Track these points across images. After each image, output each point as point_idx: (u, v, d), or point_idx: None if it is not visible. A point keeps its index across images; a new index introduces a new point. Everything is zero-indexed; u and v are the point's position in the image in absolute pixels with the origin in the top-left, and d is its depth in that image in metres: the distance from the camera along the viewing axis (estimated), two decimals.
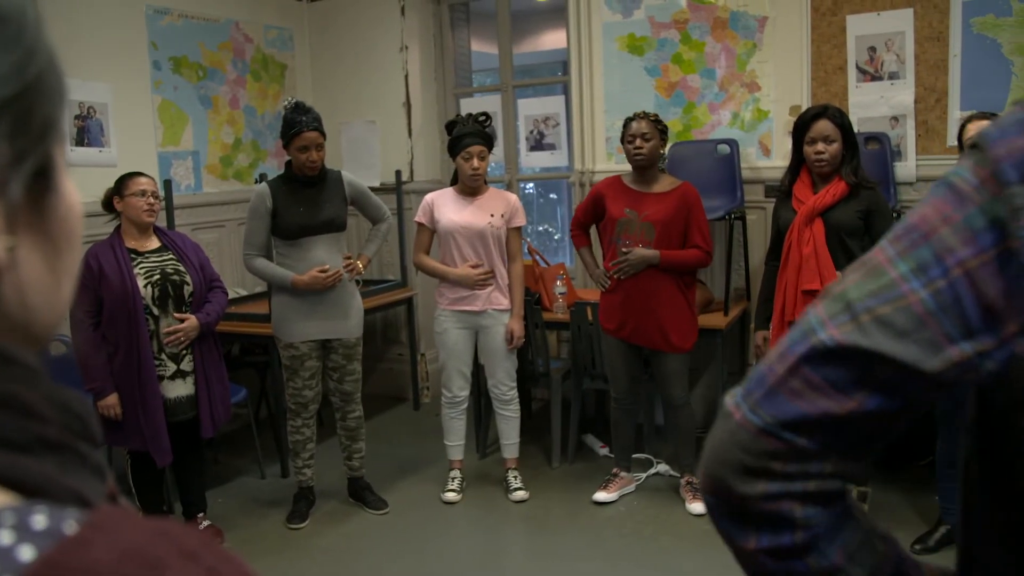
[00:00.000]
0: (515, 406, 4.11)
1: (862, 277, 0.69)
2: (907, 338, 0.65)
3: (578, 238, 4.06)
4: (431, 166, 5.70)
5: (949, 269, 0.65)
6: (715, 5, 4.59)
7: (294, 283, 3.67)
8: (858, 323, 0.66)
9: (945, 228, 0.66)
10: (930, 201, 0.69)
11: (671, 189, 3.80)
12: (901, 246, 0.68)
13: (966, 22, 4.11)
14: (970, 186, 0.67)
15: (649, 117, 3.78)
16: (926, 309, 0.65)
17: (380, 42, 5.60)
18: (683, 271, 3.80)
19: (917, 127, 4.26)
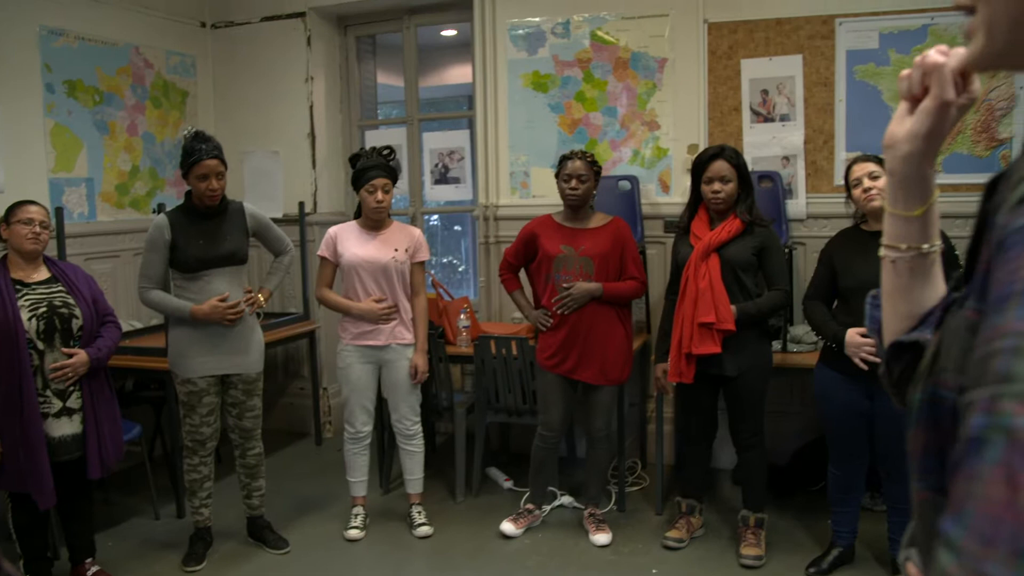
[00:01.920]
0: (419, 440, 4.09)
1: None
2: None
3: (509, 281, 4.06)
4: (335, 198, 5.66)
5: None
6: (617, 46, 4.72)
7: (193, 314, 3.58)
8: None
9: None
10: None
11: (604, 224, 3.87)
12: None
13: (850, 70, 4.34)
14: None
15: (586, 158, 3.82)
16: None
17: (285, 72, 5.55)
18: (622, 303, 3.87)
19: (807, 166, 4.46)
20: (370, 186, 3.81)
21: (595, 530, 3.94)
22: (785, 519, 4.06)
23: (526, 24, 4.89)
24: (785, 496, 4.28)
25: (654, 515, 4.21)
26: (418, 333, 3.97)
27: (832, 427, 3.45)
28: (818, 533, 3.86)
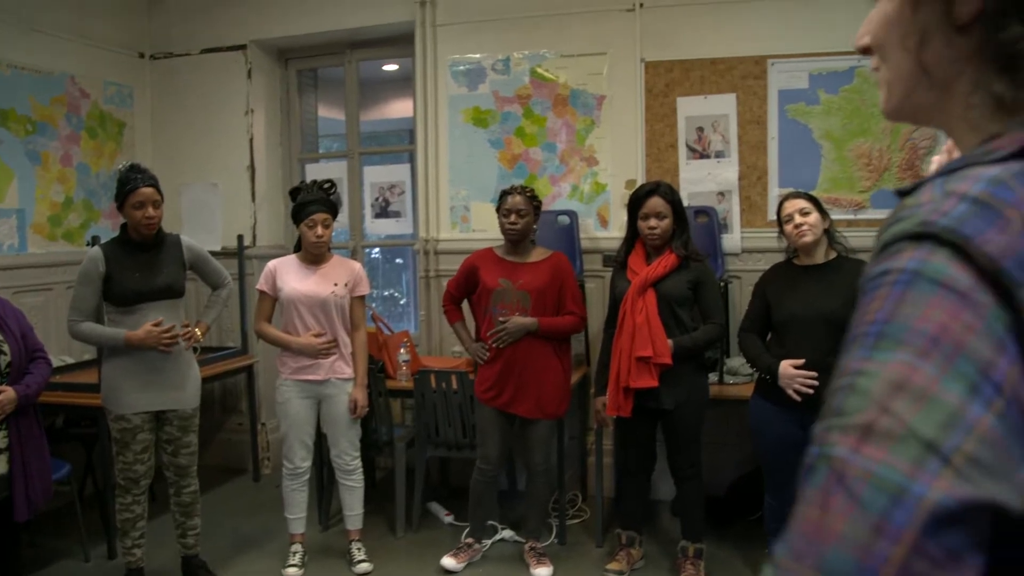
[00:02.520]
0: (358, 476, 4.05)
1: (916, 406, 0.56)
2: (996, 475, 0.54)
3: (451, 313, 4.07)
4: (274, 231, 5.63)
5: (1000, 385, 0.57)
6: (556, 83, 4.80)
7: (127, 340, 3.50)
8: (955, 469, 0.54)
9: (971, 337, 0.58)
10: (927, 303, 0.60)
11: (544, 259, 3.90)
12: (937, 362, 0.57)
13: (782, 108, 4.47)
14: (966, 286, 0.60)
15: (526, 193, 3.86)
16: (998, 436, 0.56)
17: (225, 104, 5.53)
18: (559, 338, 3.89)
19: (741, 202, 4.56)
20: (310, 221, 3.80)
21: (536, 563, 3.94)
22: (724, 549, 4.11)
23: (467, 60, 4.95)
24: (724, 526, 4.33)
25: (595, 547, 4.23)
26: (358, 367, 3.95)
27: (767, 457, 3.50)
28: (756, 562, 3.91)
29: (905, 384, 0.57)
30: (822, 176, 4.43)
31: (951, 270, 0.60)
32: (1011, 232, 0.60)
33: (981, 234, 0.60)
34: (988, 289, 0.59)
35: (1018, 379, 0.57)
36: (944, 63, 0.74)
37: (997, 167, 0.64)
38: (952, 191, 0.63)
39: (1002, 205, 0.61)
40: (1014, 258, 0.59)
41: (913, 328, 0.59)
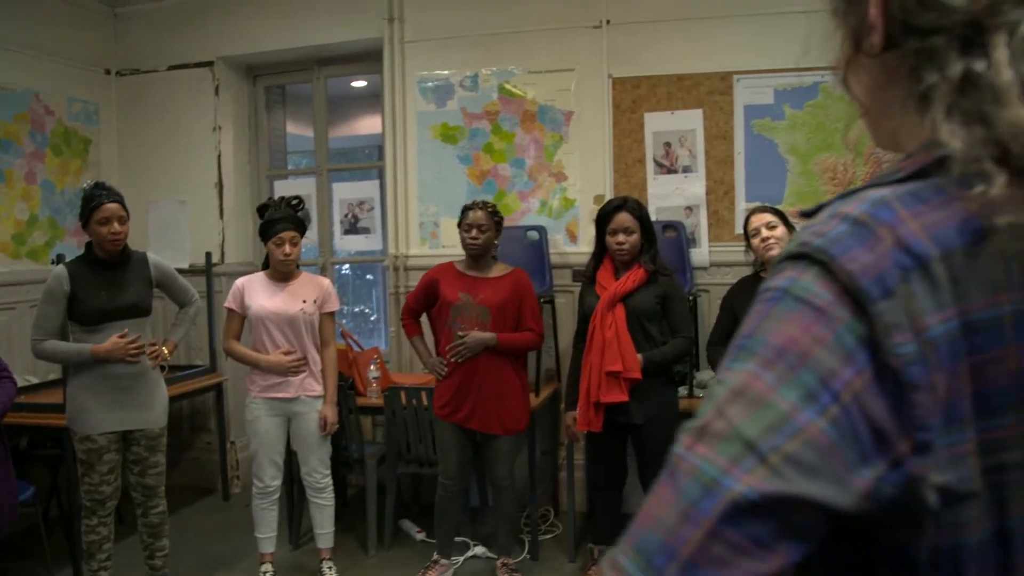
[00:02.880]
0: (329, 494, 4.02)
1: (748, 410, 0.62)
2: (819, 475, 0.60)
3: (410, 326, 4.05)
4: (242, 248, 5.60)
5: (839, 393, 0.61)
6: (524, 99, 4.82)
7: (93, 353, 3.45)
8: (770, 466, 0.59)
9: (819, 349, 0.63)
10: (786, 318, 0.65)
11: (504, 274, 3.90)
12: (779, 371, 0.62)
13: (748, 124, 4.52)
14: (825, 301, 0.64)
15: (487, 208, 3.87)
16: (829, 440, 0.60)
17: (193, 121, 5.50)
18: (517, 354, 3.89)
19: (709, 216, 4.60)
20: (277, 239, 3.79)
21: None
22: None
23: (435, 77, 4.96)
24: None
25: (567, 563, 4.22)
26: (328, 384, 3.93)
27: None
28: None
29: (744, 391, 0.62)
30: (788, 190, 4.47)
31: (815, 287, 0.64)
32: (878, 251, 0.64)
33: (846, 253, 0.64)
34: (847, 304, 0.63)
35: (863, 388, 0.61)
36: (867, 91, 0.78)
37: (889, 188, 0.67)
38: (837, 212, 0.67)
39: (876, 225, 0.65)
40: (874, 276, 0.63)
41: (766, 341, 0.64)
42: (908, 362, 0.62)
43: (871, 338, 0.62)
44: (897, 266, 0.63)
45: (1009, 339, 0.64)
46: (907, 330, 0.62)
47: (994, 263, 0.64)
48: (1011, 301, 0.64)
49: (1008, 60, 0.65)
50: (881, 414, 0.61)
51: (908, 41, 0.70)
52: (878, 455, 0.61)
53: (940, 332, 0.62)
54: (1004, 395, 0.64)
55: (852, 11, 0.75)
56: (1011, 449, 0.65)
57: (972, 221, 0.65)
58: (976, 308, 0.64)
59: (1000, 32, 0.66)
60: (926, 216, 0.65)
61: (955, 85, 0.67)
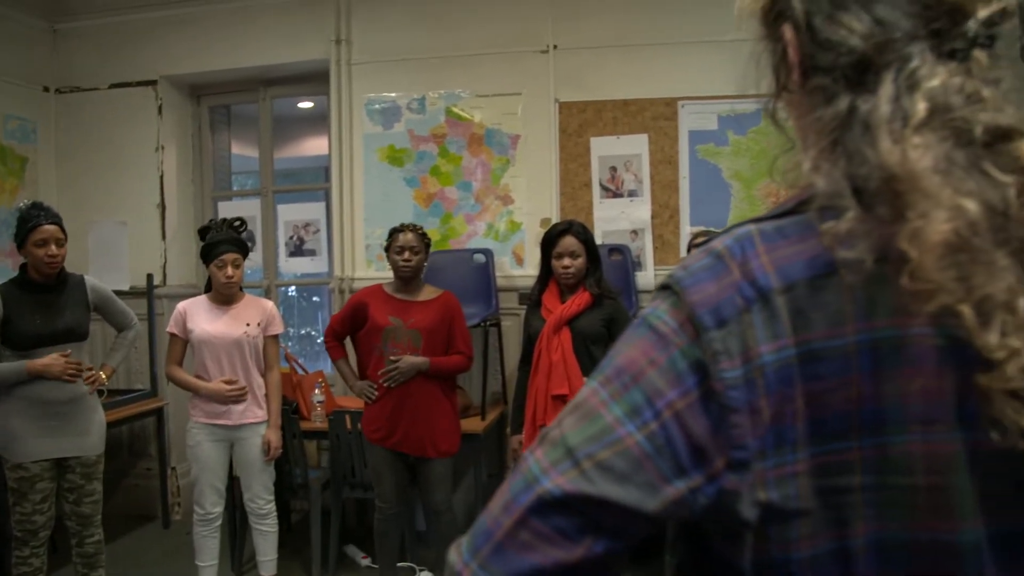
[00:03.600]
0: (272, 520, 3.95)
1: (579, 421, 0.70)
2: (628, 481, 0.66)
3: (334, 349, 4.00)
4: (185, 270, 5.51)
5: (660, 411, 0.68)
6: (471, 122, 4.83)
7: (29, 369, 3.35)
8: (581, 470, 0.67)
9: (652, 370, 0.69)
10: (634, 342, 0.72)
11: (434, 297, 3.89)
12: (613, 389, 0.70)
13: (692, 149, 4.58)
14: (670, 329, 0.70)
15: (417, 230, 3.87)
16: (643, 451, 0.67)
17: (135, 140, 5.41)
18: (448, 377, 3.87)
19: (654, 240, 4.64)
20: (219, 261, 3.73)
21: None
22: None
23: (382, 99, 4.95)
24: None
25: None
26: (271, 408, 3.88)
27: None
28: None
29: (582, 404, 0.71)
30: (732, 215, 4.53)
31: (666, 315, 0.72)
32: (723, 283, 0.70)
33: (695, 285, 0.71)
34: (688, 332, 0.70)
35: (685, 408, 0.68)
36: (798, 127, 0.81)
37: (765, 223, 0.73)
38: (709, 246, 0.74)
39: (730, 259, 0.71)
40: (711, 307, 0.69)
41: (614, 362, 0.72)
42: (730, 386, 0.67)
43: (703, 362, 0.68)
44: (740, 297, 0.69)
45: (852, 368, 0.67)
46: (735, 357, 0.68)
47: (841, 295, 0.68)
48: (855, 332, 0.67)
49: (890, 96, 0.68)
50: (701, 432, 0.67)
51: (813, 79, 0.74)
52: (695, 468, 0.68)
53: (771, 360, 0.67)
54: (844, 420, 0.67)
55: (775, 50, 0.79)
56: (852, 473, 0.68)
57: (824, 255, 0.69)
58: (817, 337, 0.68)
59: (889, 69, 0.69)
60: (781, 250, 0.71)
61: (840, 121, 0.71)
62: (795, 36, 0.76)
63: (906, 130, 0.67)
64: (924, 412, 0.67)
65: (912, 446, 0.67)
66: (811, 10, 0.74)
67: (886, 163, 0.66)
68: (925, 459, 0.67)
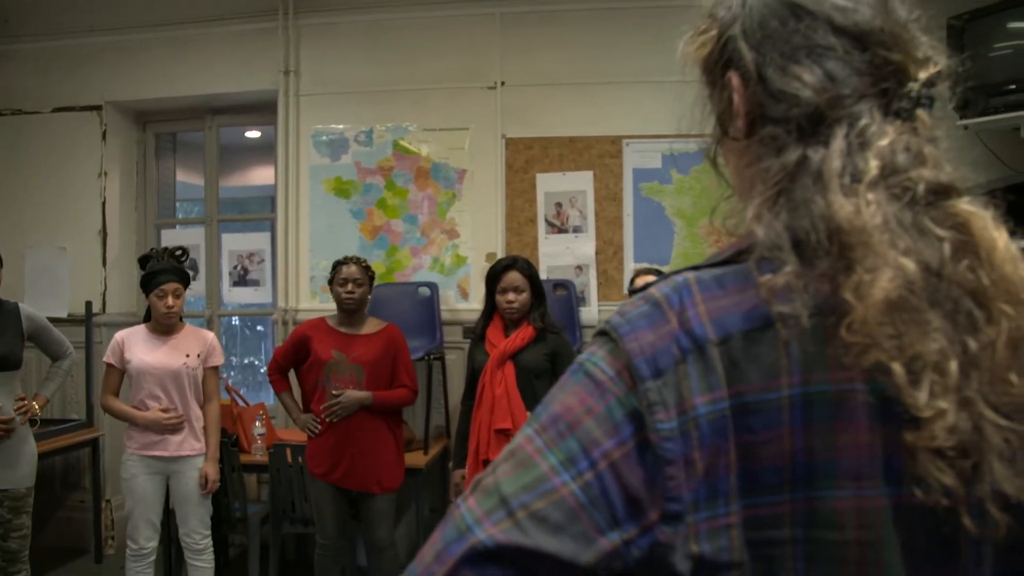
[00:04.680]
0: (208, 556, 3.87)
1: (513, 470, 0.68)
2: (563, 533, 0.65)
3: (278, 383, 3.97)
4: (125, 298, 5.42)
5: (596, 461, 0.67)
6: (419, 155, 4.86)
7: None
8: (515, 520, 0.66)
9: (589, 419, 0.68)
10: (571, 389, 0.71)
11: (378, 331, 3.88)
12: (548, 437, 0.69)
13: (636, 186, 4.66)
14: (607, 376, 0.70)
15: (361, 263, 3.87)
16: (577, 502, 0.66)
17: (77, 165, 5.33)
18: (392, 411, 3.86)
19: (598, 276, 4.70)
20: (159, 291, 3.69)
21: None
22: None
23: (330, 131, 4.96)
24: None
25: None
26: (209, 441, 3.82)
27: None
28: None
29: (517, 452, 0.70)
30: (675, 251, 4.62)
31: (603, 363, 0.71)
32: (661, 332, 0.70)
33: (632, 332, 0.71)
34: (626, 380, 0.69)
35: (621, 458, 0.67)
36: (733, 175, 0.84)
37: (703, 271, 0.74)
38: (647, 293, 0.74)
39: (668, 308, 0.71)
40: (648, 356, 0.69)
41: (549, 409, 0.71)
42: (665, 438, 0.67)
43: (639, 413, 0.68)
44: (676, 347, 0.69)
45: (785, 421, 0.68)
46: (670, 408, 0.67)
47: (776, 349, 0.68)
48: (789, 385, 0.68)
49: (842, 151, 0.71)
50: (636, 483, 0.67)
51: (763, 128, 0.76)
52: (629, 520, 0.67)
53: (705, 412, 0.67)
54: (776, 474, 0.68)
55: (720, 97, 0.82)
56: (783, 526, 0.68)
57: (761, 307, 0.69)
58: (751, 390, 0.68)
59: (841, 124, 0.72)
60: (718, 301, 0.71)
61: (787, 172, 0.73)
62: (742, 85, 0.78)
63: (859, 186, 0.69)
64: (854, 467, 0.68)
65: (841, 501, 0.68)
66: (762, 61, 0.76)
67: (836, 216, 0.68)
68: (855, 514, 0.68)
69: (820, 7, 0.76)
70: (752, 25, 0.78)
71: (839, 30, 0.75)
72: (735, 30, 0.80)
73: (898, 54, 0.75)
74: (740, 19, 0.80)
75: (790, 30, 0.76)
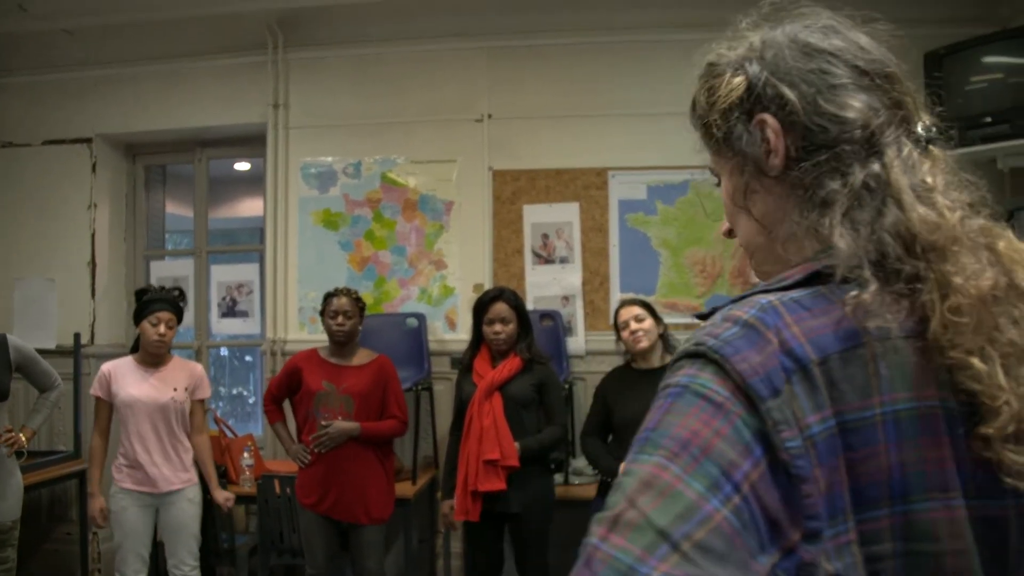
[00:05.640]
0: None
1: (658, 500, 0.65)
2: (727, 561, 0.63)
3: (272, 413, 3.99)
4: (114, 330, 5.42)
5: (739, 484, 0.65)
6: (406, 187, 4.91)
7: None
8: (682, 553, 0.62)
9: (720, 441, 0.67)
10: (687, 412, 0.69)
11: (369, 362, 3.90)
12: (683, 462, 0.66)
13: (622, 217, 4.71)
14: (723, 397, 0.69)
15: (351, 295, 3.90)
16: (732, 528, 0.64)
17: (67, 197, 5.35)
18: (381, 442, 3.87)
19: (585, 306, 4.74)
20: (154, 317, 3.71)
21: None
22: None
23: (318, 163, 5.00)
24: None
25: None
26: (207, 471, 3.88)
27: None
28: None
29: (653, 482, 0.66)
30: (660, 282, 4.66)
31: (713, 384, 0.70)
32: (766, 353, 0.71)
33: (738, 353, 0.70)
34: (742, 400, 0.69)
35: (758, 480, 0.66)
36: (769, 210, 0.87)
37: (776, 294, 0.76)
38: (729, 315, 0.74)
39: (764, 328, 0.72)
40: (762, 376, 0.69)
41: (670, 434, 0.68)
42: (796, 455, 0.67)
43: (764, 432, 0.68)
44: (782, 368, 0.70)
45: (880, 439, 0.70)
46: (793, 427, 0.68)
47: (867, 367, 0.72)
48: (881, 404, 0.71)
49: (902, 169, 0.77)
50: (775, 504, 0.66)
51: (814, 155, 0.81)
52: (772, 543, 0.65)
53: (818, 431, 0.69)
54: (877, 489, 0.70)
55: (751, 138, 0.85)
56: (884, 540, 0.70)
57: (848, 327, 0.72)
58: (850, 409, 0.70)
59: (891, 147, 0.79)
60: (807, 322, 0.73)
61: (855, 192, 0.77)
62: (778, 123, 0.83)
63: (933, 194, 0.75)
64: (941, 480, 0.71)
65: (935, 513, 0.71)
66: (807, 92, 0.82)
67: (917, 224, 0.74)
68: (947, 525, 0.71)
69: (842, 53, 0.83)
70: (783, 68, 0.84)
71: (863, 71, 0.83)
72: (764, 75, 0.85)
73: (910, 97, 0.83)
74: (767, 65, 0.85)
75: (821, 69, 0.83)
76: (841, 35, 0.86)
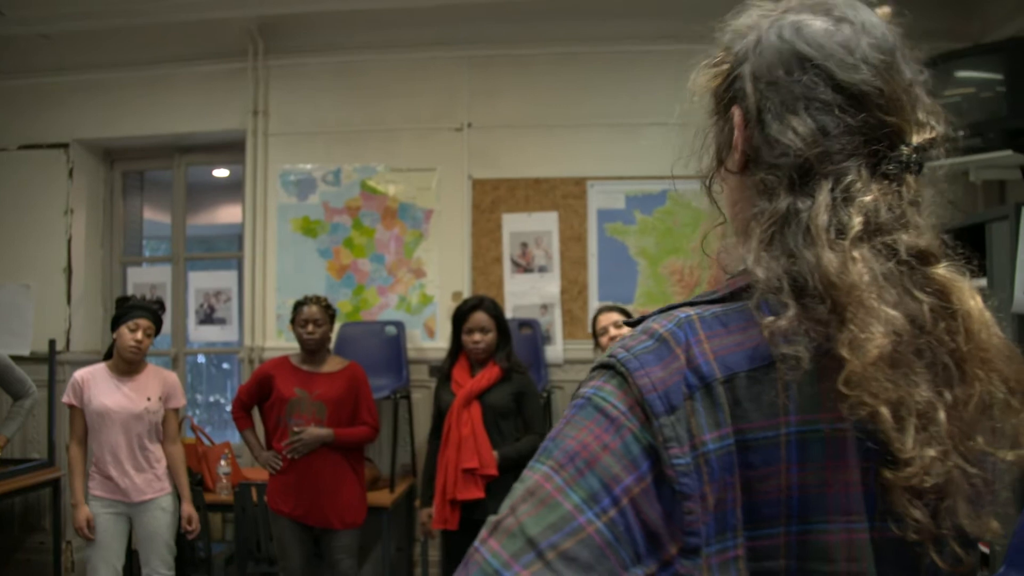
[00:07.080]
0: None
1: (535, 509, 0.67)
2: (592, 572, 0.65)
3: (241, 420, 3.97)
4: (90, 337, 5.38)
5: (618, 498, 0.67)
6: (386, 196, 4.91)
7: None
8: (546, 561, 0.65)
9: (606, 456, 0.68)
10: (583, 425, 0.71)
11: (340, 369, 3.91)
12: (568, 474, 0.68)
13: (600, 227, 4.74)
14: (619, 412, 0.70)
15: (321, 303, 3.91)
16: (604, 540, 0.66)
17: (43, 202, 5.31)
18: (353, 448, 3.87)
19: (563, 315, 4.76)
20: (133, 323, 3.68)
21: None
22: None
23: (298, 171, 5.00)
24: None
25: None
26: (180, 482, 3.81)
27: None
28: None
29: (536, 491, 0.68)
30: (639, 291, 4.69)
31: (613, 397, 0.72)
32: (671, 369, 0.72)
33: (642, 368, 0.72)
34: (639, 415, 0.70)
35: (640, 494, 0.68)
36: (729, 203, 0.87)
37: (700, 307, 0.76)
38: (648, 328, 0.75)
39: (675, 344, 0.73)
40: (660, 393, 0.70)
41: (562, 446, 0.70)
42: (682, 473, 0.69)
43: (655, 448, 0.69)
44: (685, 384, 0.71)
45: (782, 458, 0.71)
46: (684, 444, 0.69)
47: (776, 388, 0.72)
48: (787, 424, 0.72)
49: (827, 205, 0.75)
50: (655, 518, 0.68)
51: (756, 170, 0.80)
52: (651, 555, 0.67)
53: (714, 448, 0.70)
54: (774, 508, 0.71)
55: (722, 129, 0.85)
56: (778, 557, 0.72)
57: (762, 347, 0.73)
58: (752, 428, 0.71)
59: (827, 178, 0.76)
60: (722, 339, 0.74)
61: (778, 218, 0.76)
62: (743, 122, 0.82)
63: (845, 241, 0.73)
64: (844, 503, 0.72)
65: (832, 535, 0.71)
66: (763, 106, 0.80)
67: (826, 270, 0.72)
68: (845, 547, 0.72)
69: (825, 61, 0.78)
70: (761, 68, 0.81)
71: (839, 87, 0.77)
72: (745, 69, 0.82)
73: (894, 117, 0.78)
74: (751, 59, 0.82)
75: (794, 79, 0.78)
76: (853, 26, 0.80)
